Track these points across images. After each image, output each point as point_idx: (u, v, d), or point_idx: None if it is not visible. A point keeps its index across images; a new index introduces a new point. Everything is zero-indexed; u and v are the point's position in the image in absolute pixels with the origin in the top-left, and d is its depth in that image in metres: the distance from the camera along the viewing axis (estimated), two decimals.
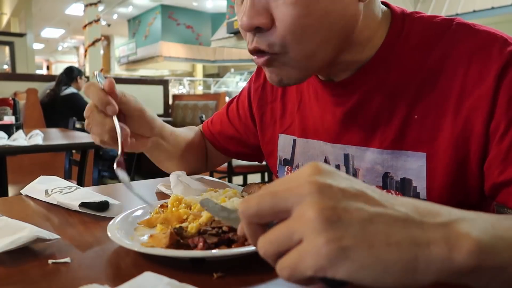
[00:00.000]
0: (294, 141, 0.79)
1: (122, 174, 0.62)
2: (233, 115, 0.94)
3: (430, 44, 0.61)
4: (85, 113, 0.67)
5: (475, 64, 0.56)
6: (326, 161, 0.73)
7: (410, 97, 0.61)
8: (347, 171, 0.69)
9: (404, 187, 0.62)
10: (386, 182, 0.64)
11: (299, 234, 0.30)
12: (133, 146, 0.72)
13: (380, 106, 0.64)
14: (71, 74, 4.14)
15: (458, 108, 0.57)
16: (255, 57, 0.61)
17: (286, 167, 0.81)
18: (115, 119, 0.64)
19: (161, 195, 0.81)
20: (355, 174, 0.68)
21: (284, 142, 0.81)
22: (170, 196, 0.63)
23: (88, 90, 0.65)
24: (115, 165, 0.61)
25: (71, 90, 3.97)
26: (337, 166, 0.71)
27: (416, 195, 0.61)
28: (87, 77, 4.35)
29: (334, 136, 0.71)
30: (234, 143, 0.94)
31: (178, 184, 0.77)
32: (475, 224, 0.32)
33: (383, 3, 0.66)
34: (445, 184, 0.59)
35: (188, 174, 0.85)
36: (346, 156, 0.69)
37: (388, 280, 0.29)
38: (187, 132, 0.94)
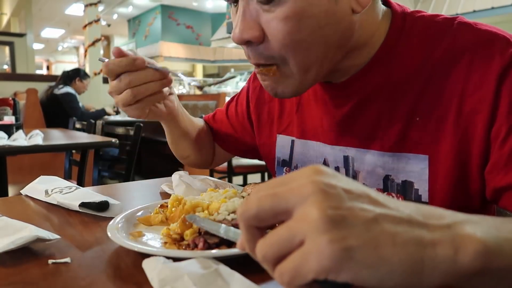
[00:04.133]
0: (293, 141, 0.78)
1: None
2: (232, 113, 0.94)
3: (431, 44, 0.59)
4: (122, 86, 0.65)
5: (476, 66, 0.55)
6: (325, 163, 0.72)
7: (412, 99, 0.60)
8: (347, 174, 0.68)
9: (406, 190, 0.62)
10: (387, 185, 0.63)
11: (301, 235, 0.28)
12: (166, 101, 0.76)
13: (380, 108, 0.63)
14: (74, 75, 4.12)
15: (460, 110, 0.56)
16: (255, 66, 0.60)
17: (284, 168, 0.80)
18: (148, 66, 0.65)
19: (165, 195, 0.81)
20: (355, 177, 0.67)
21: (282, 143, 0.81)
22: None
23: (107, 67, 0.64)
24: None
25: (67, 89, 3.95)
26: (337, 169, 0.70)
27: (418, 198, 0.60)
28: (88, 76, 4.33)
29: (334, 138, 0.69)
30: (232, 141, 0.95)
31: (180, 184, 0.77)
32: (480, 226, 0.32)
33: (383, 0, 0.64)
34: (447, 187, 0.58)
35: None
36: (346, 159, 0.68)
37: (393, 282, 0.28)
38: (199, 120, 0.96)
